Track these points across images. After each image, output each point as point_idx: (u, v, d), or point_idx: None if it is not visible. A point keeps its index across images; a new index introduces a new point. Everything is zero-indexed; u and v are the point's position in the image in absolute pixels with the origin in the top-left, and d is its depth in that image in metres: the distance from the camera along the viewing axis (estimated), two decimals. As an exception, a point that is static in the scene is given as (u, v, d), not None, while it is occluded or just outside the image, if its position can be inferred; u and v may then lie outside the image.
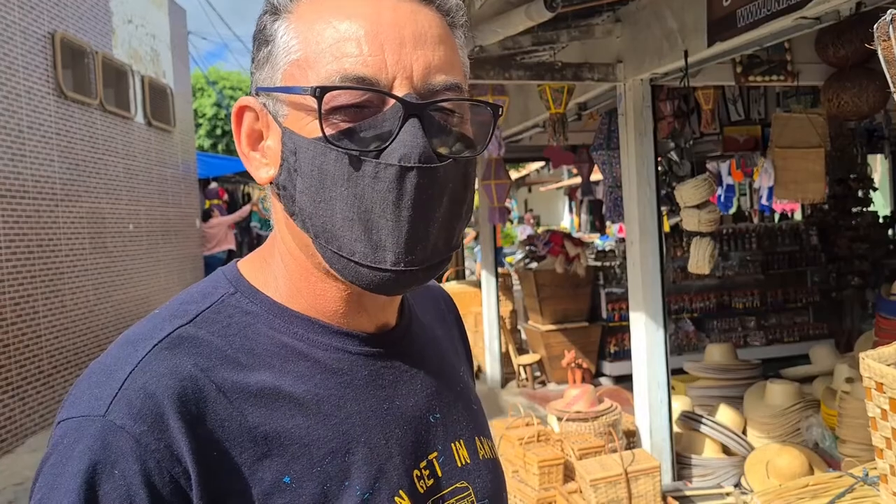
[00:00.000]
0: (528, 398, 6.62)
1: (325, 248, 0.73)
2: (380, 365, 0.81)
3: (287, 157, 0.74)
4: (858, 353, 1.93)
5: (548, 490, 3.92)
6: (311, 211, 0.73)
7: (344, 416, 0.76)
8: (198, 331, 0.74)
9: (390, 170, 0.69)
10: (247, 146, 0.80)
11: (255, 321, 0.77)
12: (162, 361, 0.70)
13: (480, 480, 0.86)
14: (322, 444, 0.74)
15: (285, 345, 0.77)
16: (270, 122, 0.77)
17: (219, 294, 0.79)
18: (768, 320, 7.29)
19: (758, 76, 4.23)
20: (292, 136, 0.73)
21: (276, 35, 0.75)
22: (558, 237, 7.27)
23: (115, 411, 0.66)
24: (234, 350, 0.74)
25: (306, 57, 0.73)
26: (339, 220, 0.71)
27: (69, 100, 7.47)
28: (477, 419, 0.92)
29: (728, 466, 4.20)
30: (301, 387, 0.75)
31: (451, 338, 1.02)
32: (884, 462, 1.88)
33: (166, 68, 10.70)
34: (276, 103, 0.75)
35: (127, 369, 0.69)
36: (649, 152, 4.22)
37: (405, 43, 0.72)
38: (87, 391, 0.69)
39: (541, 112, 5.32)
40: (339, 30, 0.72)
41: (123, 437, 0.65)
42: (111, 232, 8.41)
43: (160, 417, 0.67)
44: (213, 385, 0.71)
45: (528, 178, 19.56)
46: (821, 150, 4.62)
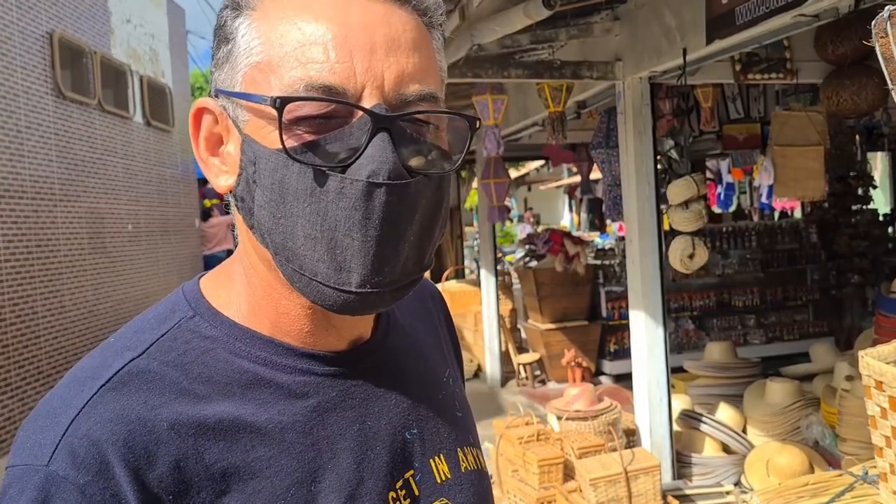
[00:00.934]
0: (527, 397, 6.61)
1: (286, 265, 0.68)
2: (350, 384, 0.76)
3: (246, 166, 0.69)
4: (858, 352, 1.92)
5: (547, 489, 3.91)
6: (271, 226, 0.68)
7: (310, 442, 0.72)
8: (150, 363, 0.69)
9: (357, 186, 0.64)
10: (205, 151, 0.74)
11: (215, 346, 0.72)
12: (108, 404, 0.65)
13: (462, 495, 0.82)
14: (285, 475, 0.69)
15: (246, 370, 0.72)
16: (230, 126, 0.72)
17: (176, 318, 0.74)
18: (768, 318, 7.29)
19: (757, 74, 4.22)
20: (252, 144, 0.68)
21: (237, 34, 0.70)
22: (558, 236, 7.26)
23: (58, 461, 0.63)
24: (191, 381, 0.69)
25: (269, 60, 0.67)
26: (301, 237, 0.66)
27: (68, 100, 7.46)
28: (461, 428, 0.87)
29: (728, 465, 4.20)
30: (263, 415, 0.70)
31: (437, 339, 0.96)
32: (883, 461, 1.87)
33: (165, 68, 10.69)
34: (237, 108, 0.70)
35: (71, 414, 0.65)
36: (648, 150, 4.21)
37: (376, 49, 0.66)
38: (32, 436, 0.66)
39: (540, 110, 5.32)
40: (305, 32, 0.66)
41: (67, 489, 0.62)
42: (110, 232, 8.41)
43: (105, 466, 0.63)
44: (165, 424, 0.66)
45: (527, 176, 19.54)
46: (820, 147, 4.61)
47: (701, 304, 7.15)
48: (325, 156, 0.66)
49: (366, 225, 0.65)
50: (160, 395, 0.67)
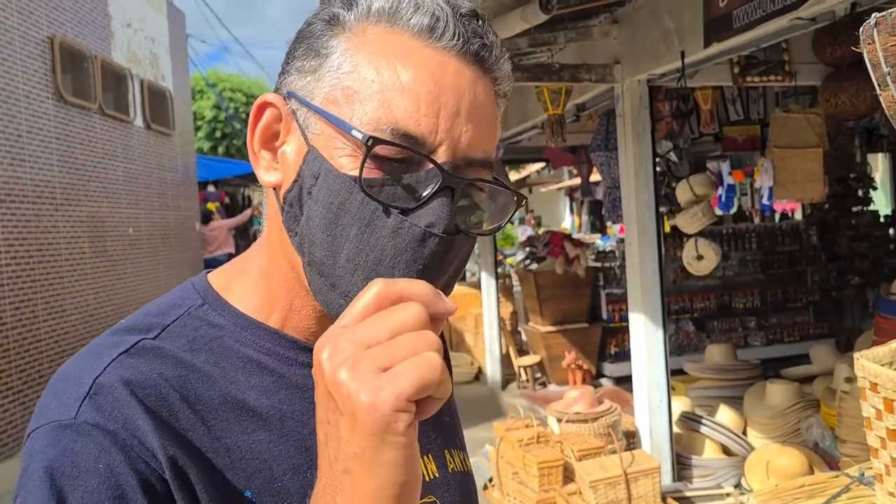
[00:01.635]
0: (528, 399, 6.62)
1: (318, 278, 0.72)
2: None
3: (305, 177, 0.72)
4: (854, 353, 1.93)
5: (548, 492, 3.91)
6: (315, 240, 0.71)
7: (307, 432, 0.74)
8: (161, 344, 0.73)
9: (414, 231, 0.69)
10: (259, 143, 0.77)
11: (222, 334, 0.76)
12: (127, 368, 0.69)
13: (449, 494, 0.85)
14: (283, 460, 0.73)
15: (251, 359, 0.76)
16: (295, 130, 0.75)
17: (186, 306, 0.78)
18: (769, 320, 7.29)
19: (755, 76, 4.23)
20: (319, 159, 0.71)
21: (332, 52, 0.73)
22: (558, 238, 7.27)
23: (85, 413, 0.66)
24: (199, 363, 0.73)
25: (357, 89, 0.70)
26: (344, 259, 0.70)
27: (68, 104, 7.48)
28: (448, 431, 0.91)
29: (728, 467, 4.20)
30: (265, 402, 0.74)
31: None
32: (879, 462, 1.88)
33: (165, 72, 10.72)
34: (309, 117, 0.73)
35: (93, 375, 0.69)
36: (647, 153, 4.22)
37: (460, 113, 0.71)
38: (54, 399, 0.69)
39: (539, 113, 5.32)
40: (401, 78, 0.70)
41: (100, 434, 0.65)
42: (111, 236, 8.42)
43: (131, 418, 0.66)
44: (177, 395, 0.70)
45: (528, 179, 19.55)
46: (819, 149, 4.62)
47: (701, 305, 7.15)
48: (390, 195, 0.70)
49: (410, 266, 0.70)
50: (171, 369, 0.72)
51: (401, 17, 0.72)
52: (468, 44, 0.72)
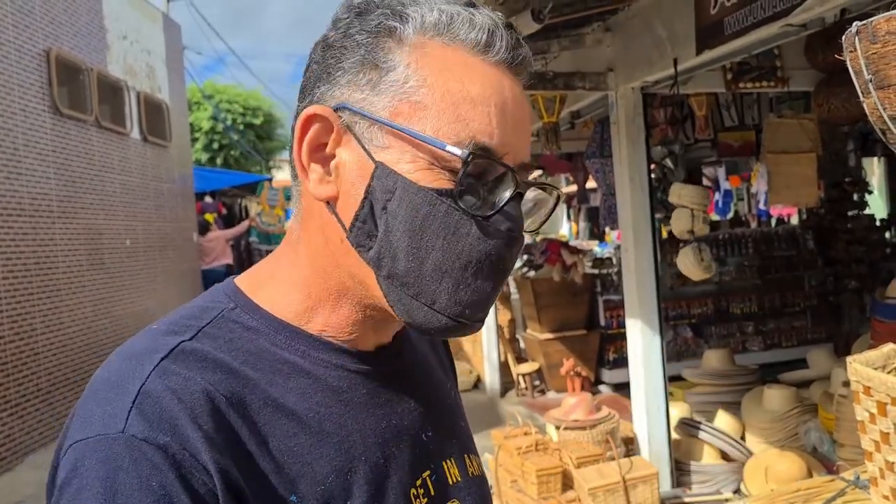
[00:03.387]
0: (527, 407, 6.61)
1: (400, 290, 0.73)
2: (376, 384, 0.81)
3: (377, 194, 0.72)
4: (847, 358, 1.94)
5: (546, 499, 3.91)
6: (398, 253, 0.72)
7: (345, 434, 0.76)
8: (201, 346, 0.72)
9: (499, 235, 0.73)
10: (307, 156, 0.76)
11: (257, 337, 0.76)
12: (171, 375, 0.68)
13: (470, 497, 0.86)
14: (325, 462, 0.73)
15: (287, 361, 0.76)
16: (350, 142, 0.75)
17: (218, 309, 0.77)
18: (766, 325, 7.29)
19: (748, 82, 4.25)
20: (391, 175, 0.72)
21: (395, 65, 0.73)
22: (555, 246, 7.28)
23: (134, 426, 0.64)
24: (240, 364, 0.73)
25: (425, 103, 0.72)
26: (430, 269, 0.72)
27: (65, 116, 7.50)
28: (465, 436, 0.93)
29: (727, 472, 4.20)
30: (303, 404, 0.75)
31: (438, 354, 1.01)
32: (873, 465, 1.88)
33: (162, 83, 10.74)
34: (373, 130, 0.73)
35: (137, 384, 0.67)
36: (642, 159, 4.23)
37: (520, 124, 0.76)
38: (98, 409, 0.66)
39: (534, 121, 5.35)
40: (470, 92, 0.72)
41: (150, 450, 0.63)
42: (108, 248, 8.43)
43: (179, 428, 0.65)
44: (224, 398, 0.69)
45: (525, 186, 19.56)
46: (812, 154, 4.64)
47: (699, 311, 7.15)
48: (470, 204, 0.73)
49: (495, 269, 0.74)
50: (214, 373, 0.71)
51: (457, 32, 0.74)
52: (515, 58, 0.76)
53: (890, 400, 1.76)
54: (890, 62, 0.84)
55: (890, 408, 1.77)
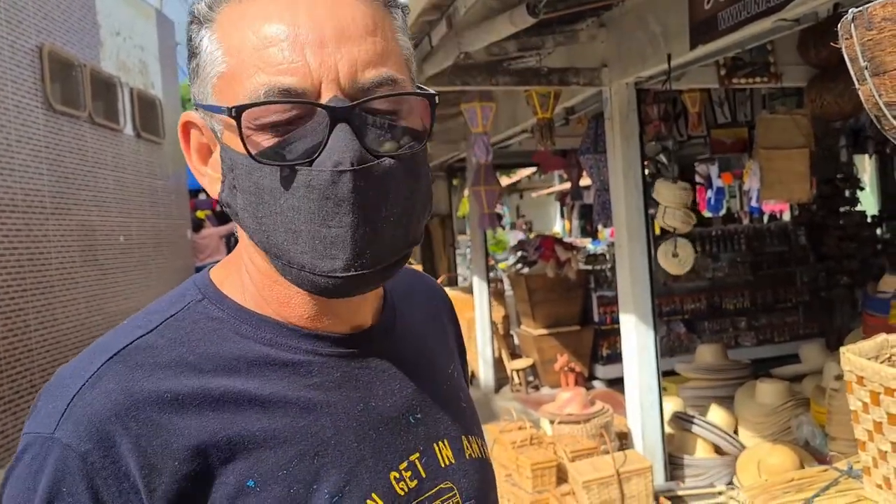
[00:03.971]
0: (521, 403, 6.63)
1: (276, 261, 0.73)
2: (353, 366, 0.79)
3: (226, 173, 0.73)
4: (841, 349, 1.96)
5: (541, 493, 3.93)
6: (255, 227, 0.72)
7: (313, 418, 0.75)
8: (158, 339, 0.73)
9: (323, 176, 0.67)
10: (198, 161, 0.78)
11: (222, 326, 0.76)
12: (113, 377, 0.69)
13: (466, 480, 0.84)
14: (289, 446, 0.73)
15: (251, 350, 0.76)
16: (212, 136, 0.75)
17: (186, 301, 0.78)
18: (759, 320, 7.33)
19: (741, 78, 4.27)
20: (229, 152, 0.72)
21: (202, 46, 0.73)
22: (549, 242, 7.30)
23: (63, 429, 0.67)
24: (196, 357, 0.73)
25: (230, 70, 0.70)
26: (282, 233, 0.70)
27: (58, 113, 7.47)
28: (465, 418, 0.90)
29: (720, 466, 4.23)
30: (268, 390, 0.74)
31: (443, 336, 0.99)
32: (866, 454, 1.91)
33: (155, 80, 10.71)
34: (212, 119, 0.74)
35: (78, 384, 0.69)
36: (636, 155, 4.25)
37: (326, 42, 0.68)
38: (43, 406, 0.70)
39: (528, 117, 5.36)
40: (260, 36, 0.69)
41: (70, 456, 0.66)
42: (102, 244, 8.40)
43: (106, 435, 0.66)
44: (169, 395, 0.69)
45: (519, 184, 19.60)
46: (805, 150, 4.66)
47: (692, 307, 7.18)
48: (292, 154, 0.69)
49: (339, 212, 0.68)
50: (164, 369, 0.71)
51: None
52: None
53: (883, 390, 1.79)
54: (886, 48, 0.85)
55: (883, 397, 1.79)
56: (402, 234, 0.74)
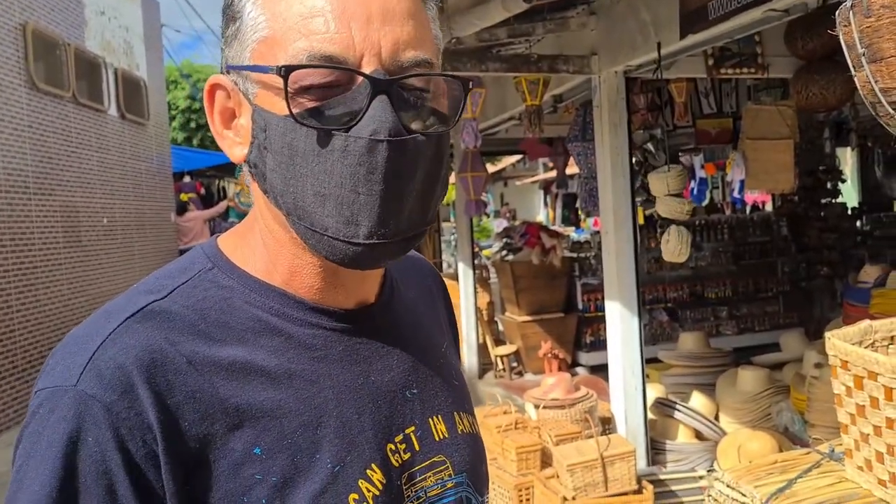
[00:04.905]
0: (505, 388, 6.67)
1: (298, 224, 0.74)
2: (355, 340, 0.81)
3: (257, 134, 0.74)
4: (826, 334, 2.00)
5: (525, 476, 3.97)
6: (282, 188, 0.73)
7: (316, 390, 0.77)
8: (171, 305, 0.75)
9: (360, 143, 0.69)
10: (220, 125, 0.80)
11: (231, 295, 0.78)
12: (132, 334, 0.71)
13: (458, 454, 0.87)
14: (293, 417, 0.74)
15: (259, 319, 0.77)
16: (242, 100, 0.77)
17: (196, 269, 0.79)
18: (740, 310, 7.42)
19: (729, 68, 4.31)
20: (262, 113, 0.73)
21: (244, 11, 0.75)
22: (534, 229, 7.34)
23: (86, 381, 0.68)
24: (208, 324, 0.75)
25: (273, 35, 0.72)
26: (311, 195, 0.72)
27: (41, 92, 7.39)
28: (457, 394, 0.93)
29: (701, 451, 4.29)
30: (273, 361, 0.76)
31: (437, 314, 1.02)
32: (848, 437, 1.95)
33: (140, 61, 10.61)
34: (247, 81, 0.75)
35: (98, 340, 0.70)
36: (623, 143, 4.28)
37: (372, 19, 0.71)
38: (61, 361, 0.71)
39: (517, 104, 5.37)
40: (306, 6, 0.71)
41: (95, 406, 0.67)
42: (85, 226, 8.34)
43: (129, 387, 0.68)
44: (184, 358, 0.71)
45: (504, 171, 19.62)
46: (790, 141, 4.72)
47: (675, 295, 7.26)
48: (330, 119, 0.71)
49: (370, 180, 0.71)
50: (179, 333, 0.73)
51: None
52: None
53: (867, 374, 1.83)
54: (883, 35, 0.88)
55: (866, 381, 1.83)
56: (422, 210, 0.76)
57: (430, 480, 0.83)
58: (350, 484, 0.75)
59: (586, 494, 3.63)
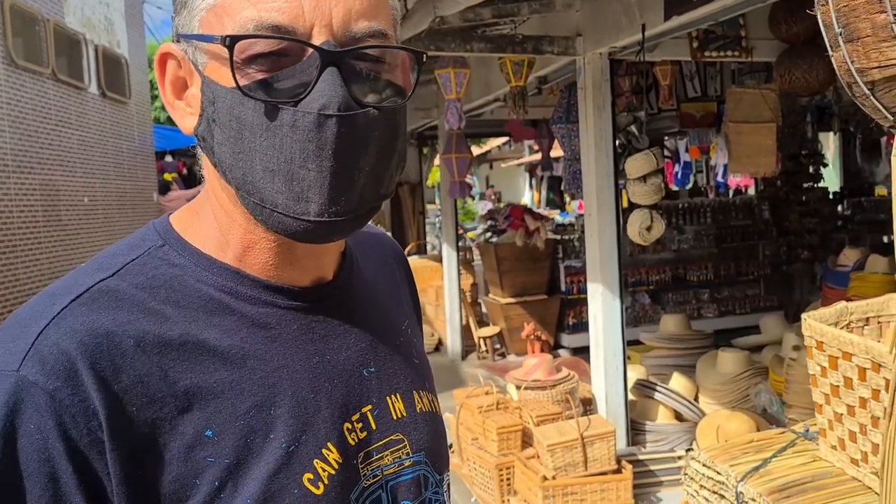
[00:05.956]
0: (488, 370, 6.71)
1: (247, 198, 0.72)
2: (311, 319, 0.80)
3: (206, 106, 0.73)
4: (802, 315, 2.02)
5: (506, 456, 4.00)
6: (231, 162, 0.71)
7: (270, 370, 0.75)
8: (120, 283, 0.73)
9: (309, 118, 0.68)
10: (171, 95, 0.77)
11: (183, 273, 0.76)
12: (78, 317, 0.69)
13: (416, 433, 0.86)
14: (246, 397, 0.73)
15: (212, 298, 0.75)
16: (192, 69, 0.75)
17: (146, 246, 0.77)
18: (721, 293, 7.49)
19: (713, 51, 4.31)
20: (211, 85, 0.72)
21: None
22: (518, 211, 7.34)
23: (28, 367, 0.66)
24: (158, 303, 0.73)
25: (222, 3, 0.70)
26: (259, 171, 0.70)
27: (20, 69, 7.28)
28: (417, 373, 0.91)
29: (680, 432, 4.34)
30: (226, 341, 0.74)
31: (398, 292, 1.00)
32: (823, 417, 1.98)
33: (121, 38, 10.47)
34: (196, 51, 0.73)
35: (42, 323, 0.68)
36: (607, 125, 4.28)
37: None
38: (3, 345, 0.68)
39: (502, 86, 5.36)
40: None
41: (37, 393, 0.65)
42: (66, 205, 8.26)
43: (73, 373, 0.66)
44: (131, 340, 0.69)
45: (489, 154, 19.60)
46: (773, 124, 4.74)
47: (657, 278, 7.31)
48: (278, 92, 0.69)
49: (319, 155, 0.69)
50: (128, 313, 0.71)
51: None
52: None
53: (841, 354, 1.85)
54: (860, 15, 0.88)
55: (841, 362, 1.86)
56: (375, 185, 0.74)
57: (387, 459, 0.82)
58: (305, 464, 0.74)
59: (566, 474, 3.66)
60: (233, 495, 0.70)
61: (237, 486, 0.70)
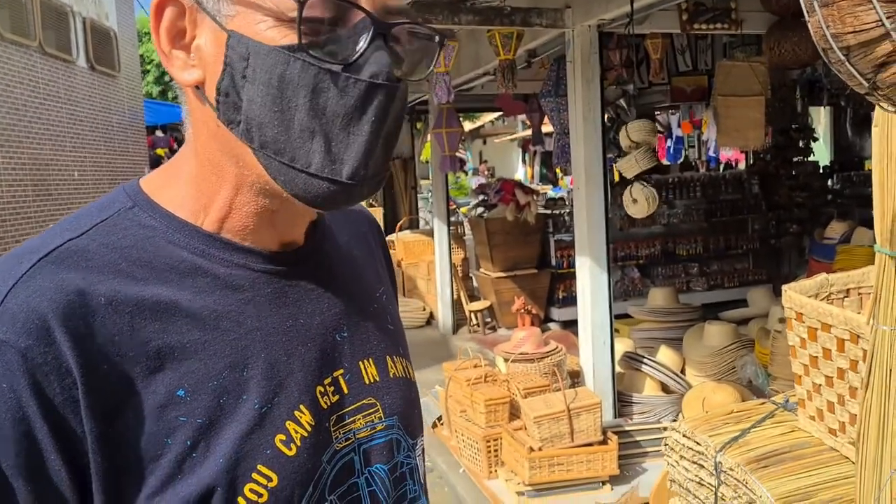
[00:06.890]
0: (478, 343, 6.74)
1: (273, 158, 0.71)
2: (284, 283, 0.80)
3: (234, 62, 0.70)
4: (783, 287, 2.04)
5: (494, 427, 4.04)
6: (263, 120, 0.70)
7: (243, 332, 0.76)
8: (89, 243, 0.72)
9: (360, 85, 0.69)
10: (167, 43, 0.74)
11: (153, 234, 0.75)
12: (47, 276, 0.68)
13: (389, 397, 0.86)
14: (219, 358, 0.73)
15: (184, 260, 0.75)
16: (204, 21, 0.73)
17: (115, 208, 0.76)
18: (710, 266, 7.52)
19: (703, 24, 4.30)
20: (244, 40, 0.70)
21: None
22: (509, 185, 7.34)
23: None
24: (129, 264, 0.72)
25: None
26: (297, 130, 0.70)
27: (6, 41, 7.20)
28: (391, 339, 0.92)
29: (666, 404, 4.38)
30: (199, 302, 0.74)
31: (372, 259, 1.00)
32: (802, 388, 2.00)
33: (109, 10, 10.35)
34: (219, 2, 0.71)
35: (10, 282, 0.67)
36: (596, 99, 4.27)
37: None
38: None
39: (491, 59, 5.32)
40: None
41: (9, 352, 0.64)
42: (55, 179, 8.22)
43: (46, 331, 0.66)
44: (103, 299, 0.69)
45: (482, 129, 19.55)
46: (761, 97, 4.74)
47: (647, 252, 7.33)
48: (328, 55, 0.70)
49: (362, 120, 0.71)
50: (98, 273, 0.71)
51: None
52: None
53: (820, 325, 1.87)
54: (832, -20, 0.88)
55: (820, 333, 1.88)
56: (387, 154, 0.76)
57: (360, 423, 0.83)
58: (277, 425, 0.75)
59: (552, 445, 3.71)
60: (205, 454, 0.71)
61: (209, 446, 0.71)
